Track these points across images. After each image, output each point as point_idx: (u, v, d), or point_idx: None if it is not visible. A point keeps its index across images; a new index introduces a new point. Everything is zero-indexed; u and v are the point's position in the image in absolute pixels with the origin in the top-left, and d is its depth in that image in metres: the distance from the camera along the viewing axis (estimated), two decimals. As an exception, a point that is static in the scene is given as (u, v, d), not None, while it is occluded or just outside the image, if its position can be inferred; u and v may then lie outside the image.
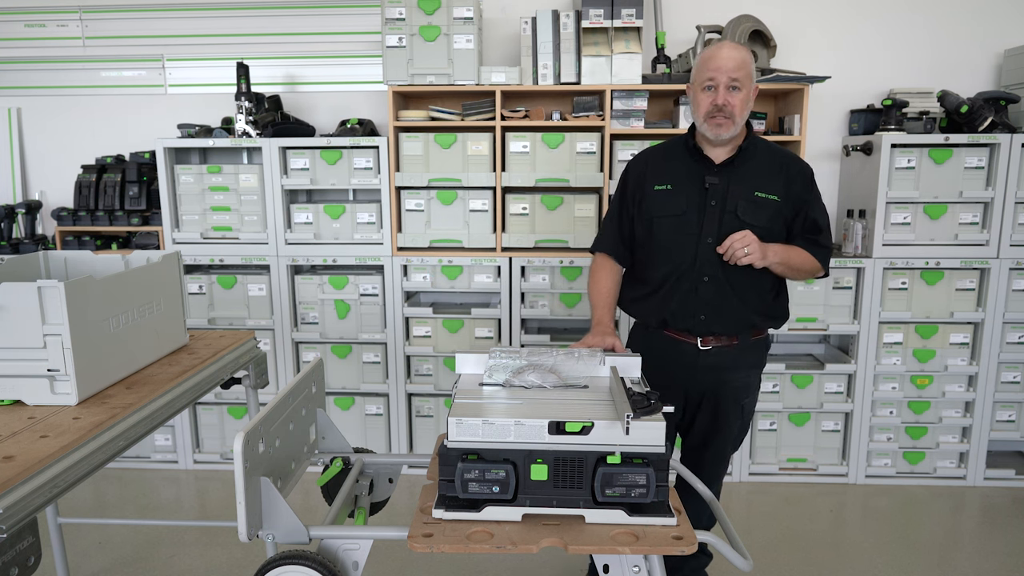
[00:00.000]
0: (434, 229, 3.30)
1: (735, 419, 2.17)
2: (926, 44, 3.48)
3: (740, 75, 1.93)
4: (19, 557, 1.23)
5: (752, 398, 2.20)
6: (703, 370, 2.09)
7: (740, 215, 1.99)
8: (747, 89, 1.95)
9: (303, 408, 1.73)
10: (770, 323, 2.14)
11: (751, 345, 2.11)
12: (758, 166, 2.04)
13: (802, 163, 2.10)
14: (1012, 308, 3.22)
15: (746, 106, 1.97)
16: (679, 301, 2.04)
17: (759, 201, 2.01)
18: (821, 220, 2.07)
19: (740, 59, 1.93)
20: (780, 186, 2.02)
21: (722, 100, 1.93)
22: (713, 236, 2.00)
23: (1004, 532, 2.97)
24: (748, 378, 2.15)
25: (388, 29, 3.13)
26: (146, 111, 3.74)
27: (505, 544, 1.32)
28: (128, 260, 2.02)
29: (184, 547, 2.83)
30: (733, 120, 1.95)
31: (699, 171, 2.04)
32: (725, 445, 2.20)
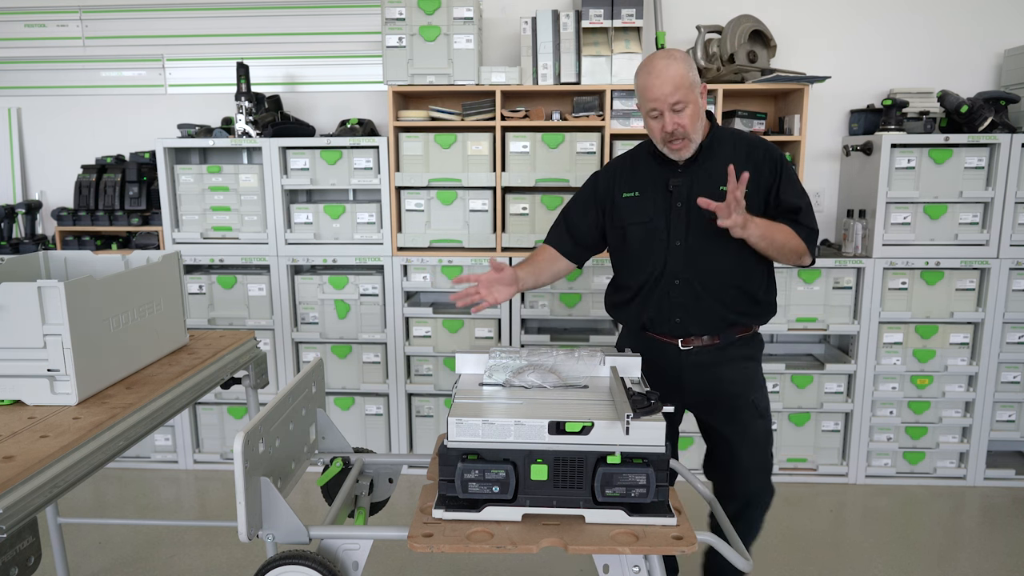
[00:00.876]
0: (434, 229, 3.30)
1: (752, 419, 2.07)
2: (926, 44, 3.48)
3: (679, 95, 1.86)
4: (19, 557, 1.23)
5: (761, 394, 2.12)
6: (691, 369, 2.05)
7: (705, 214, 1.91)
8: (693, 102, 1.88)
9: (303, 408, 1.73)
10: (752, 321, 2.07)
11: (735, 342, 2.06)
12: (722, 159, 1.97)
13: (769, 147, 2.02)
14: (1012, 308, 3.22)
15: (697, 118, 1.91)
16: (655, 306, 2.03)
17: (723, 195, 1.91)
18: (797, 200, 1.99)
19: (674, 81, 1.85)
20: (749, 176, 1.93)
21: (671, 127, 1.89)
22: (681, 238, 1.98)
23: (1004, 532, 2.97)
24: (745, 371, 2.08)
25: (388, 29, 3.13)
26: (146, 111, 3.74)
27: (505, 544, 1.32)
28: (128, 260, 2.02)
29: (184, 547, 2.83)
30: (688, 138, 1.91)
31: (663, 174, 2.01)
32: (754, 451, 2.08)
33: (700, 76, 3.20)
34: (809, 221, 2.00)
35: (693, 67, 1.91)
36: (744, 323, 2.05)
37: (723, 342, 2.03)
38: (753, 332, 2.10)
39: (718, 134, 2.02)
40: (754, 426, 2.06)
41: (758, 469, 2.10)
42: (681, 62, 1.87)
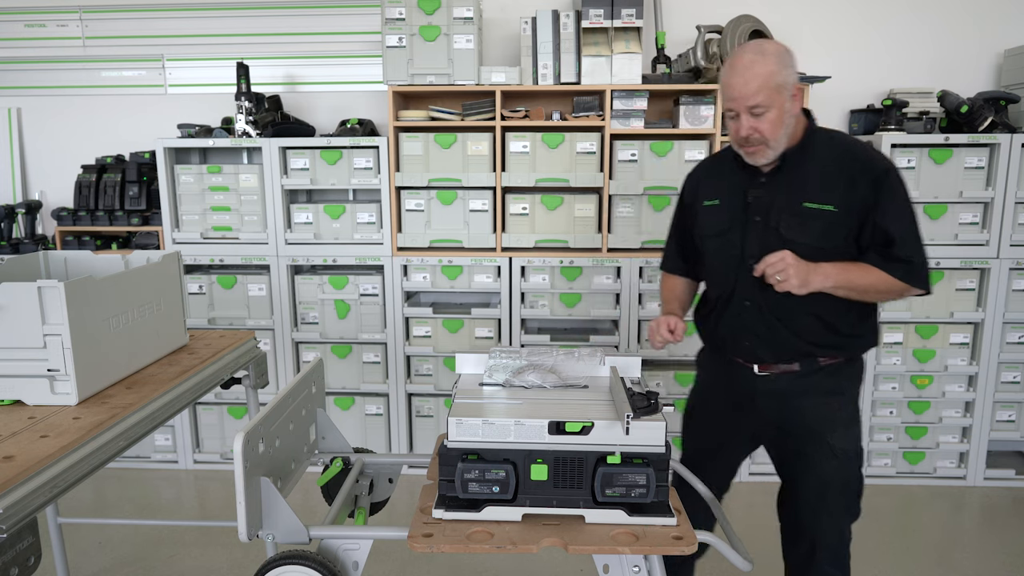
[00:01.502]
0: (434, 229, 3.30)
1: (824, 459, 1.82)
2: (926, 44, 3.48)
3: (761, 98, 1.65)
4: (19, 557, 1.23)
5: (844, 435, 1.83)
6: (764, 396, 1.85)
7: (783, 232, 1.73)
8: (776, 107, 1.67)
9: (303, 408, 1.73)
10: (836, 352, 1.81)
11: (819, 370, 1.81)
12: (813, 170, 1.74)
13: (872, 161, 1.73)
14: (1012, 308, 3.22)
15: (779, 125, 1.69)
16: (726, 326, 1.87)
17: (809, 213, 1.72)
18: (894, 228, 1.69)
19: (757, 82, 1.65)
20: (839, 192, 1.71)
21: (745, 131, 1.70)
22: (755, 257, 1.74)
23: (1004, 532, 2.97)
24: (825, 408, 1.82)
25: (388, 29, 3.13)
26: (146, 111, 3.74)
27: (505, 544, 1.31)
28: (128, 260, 2.02)
29: (184, 547, 2.83)
30: (767, 145, 1.70)
31: (745, 183, 1.81)
32: (822, 492, 1.84)
33: (697, 76, 3.24)
34: (908, 252, 1.71)
35: (788, 65, 1.69)
36: (825, 356, 1.81)
37: (804, 370, 1.82)
38: (841, 361, 1.83)
39: (813, 139, 1.78)
40: (823, 466, 1.82)
41: (826, 512, 1.85)
42: (772, 60, 1.67)
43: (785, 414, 1.85)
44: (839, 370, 1.83)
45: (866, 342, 1.85)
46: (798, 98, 1.72)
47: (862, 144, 1.79)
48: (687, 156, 3.18)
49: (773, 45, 1.71)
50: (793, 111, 1.71)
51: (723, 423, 1.98)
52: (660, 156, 3.18)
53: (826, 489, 1.83)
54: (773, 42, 1.74)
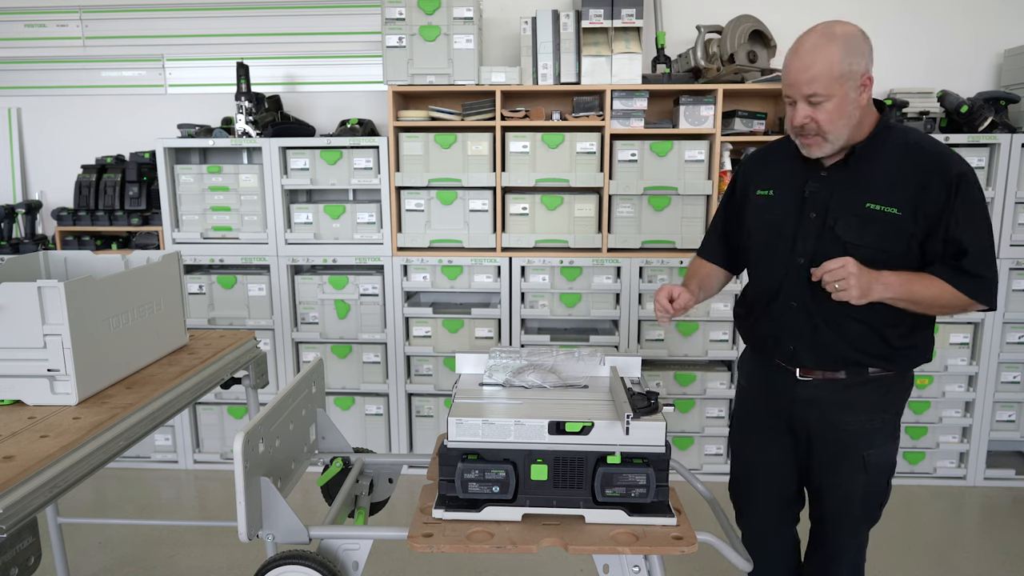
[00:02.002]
0: (434, 229, 3.30)
1: (855, 473, 1.74)
2: (926, 44, 3.48)
3: (820, 87, 1.54)
4: (19, 557, 1.23)
5: (881, 451, 1.74)
6: (803, 403, 1.75)
7: (840, 233, 1.62)
8: (838, 97, 1.55)
9: (303, 408, 1.73)
10: (886, 364, 1.69)
11: (867, 382, 1.70)
12: (880, 168, 1.61)
13: (947, 162, 1.59)
14: (1012, 308, 3.22)
15: (840, 116, 1.57)
16: (768, 326, 1.77)
17: (870, 215, 1.60)
18: (968, 240, 1.56)
19: (817, 68, 1.53)
20: (907, 195, 1.58)
21: (800, 120, 1.59)
22: (806, 256, 1.66)
23: (1004, 532, 2.97)
24: (868, 423, 1.72)
25: (388, 29, 3.13)
26: (146, 111, 3.74)
27: (505, 544, 1.31)
28: (128, 260, 2.02)
29: (184, 547, 2.83)
30: (824, 137, 1.59)
31: (803, 175, 1.69)
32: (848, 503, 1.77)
33: (697, 76, 3.24)
34: (978, 267, 1.58)
35: (858, 52, 1.55)
36: (876, 367, 1.70)
37: (850, 379, 1.71)
38: (892, 375, 1.71)
39: (884, 134, 1.64)
40: (853, 480, 1.75)
41: (848, 521, 1.80)
42: (839, 45, 1.54)
43: (821, 426, 1.75)
44: (888, 385, 1.71)
45: (918, 356, 1.73)
46: (868, 88, 1.58)
47: (938, 144, 1.65)
48: (687, 156, 3.18)
49: (844, 28, 1.57)
50: (859, 102, 1.58)
51: (765, 433, 1.88)
52: (660, 156, 3.18)
53: (851, 500, 1.77)
54: (846, 24, 1.59)
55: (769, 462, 1.89)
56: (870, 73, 1.58)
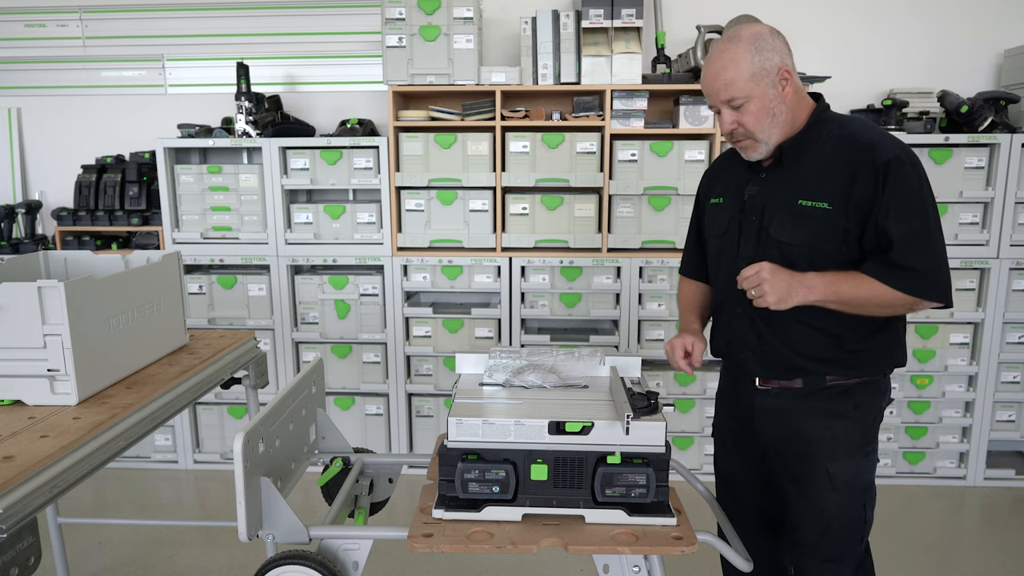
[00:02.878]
0: (434, 229, 3.30)
1: (824, 492, 1.61)
2: (926, 44, 3.48)
3: (734, 91, 1.52)
4: (19, 557, 1.23)
5: (848, 465, 1.61)
6: (763, 414, 1.68)
7: (773, 233, 1.57)
8: (757, 97, 1.52)
9: (303, 408, 1.73)
10: (843, 371, 1.60)
11: (825, 389, 1.62)
12: (813, 163, 1.56)
13: (876, 150, 1.50)
14: (1012, 308, 3.22)
15: (764, 115, 1.54)
16: (722, 335, 1.76)
17: (802, 212, 1.54)
18: (895, 229, 1.48)
19: (727, 74, 1.52)
20: (838, 188, 1.51)
21: (727, 127, 1.57)
22: (746, 260, 1.60)
23: (1004, 532, 2.97)
24: (828, 431, 1.61)
25: (388, 29, 3.13)
26: (146, 111, 3.74)
27: (505, 544, 1.31)
28: (128, 260, 2.02)
29: (184, 547, 2.83)
30: (754, 139, 1.57)
31: (745, 179, 1.67)
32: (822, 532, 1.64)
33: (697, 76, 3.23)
34: (907, 258, 1.48)
35: (766, 48, 1.52)
36: (830, 373, 1.61)
37: (807, 388, 1.63)
38: (854, 383, 1.61)
39: (818, 127, 1.58)
40: (823, 500, 1.62)
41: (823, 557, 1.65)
42: (745, 46, 1.51)
43: (783, 436, 1.67)
44: (850, 392, 1.61)
45: (883, 360, 1.62)
46: (789, 82, 1.54)
47: (876, 131, 1.56)
48: (687, 156, 3.18)
49: (749, 28, 1.55)
50: (782, 98, 1.54)
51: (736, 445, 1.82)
52: (660, 156, 3.18)
53: (826, 528, 1.63)
54: (750, 25, 1.57)
55: (742, 476, 1.83)
56: (787, 66, 1.54)
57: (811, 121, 1.59)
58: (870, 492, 1.66)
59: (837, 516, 1.63)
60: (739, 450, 1.81)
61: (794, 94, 1.57)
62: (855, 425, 1.62)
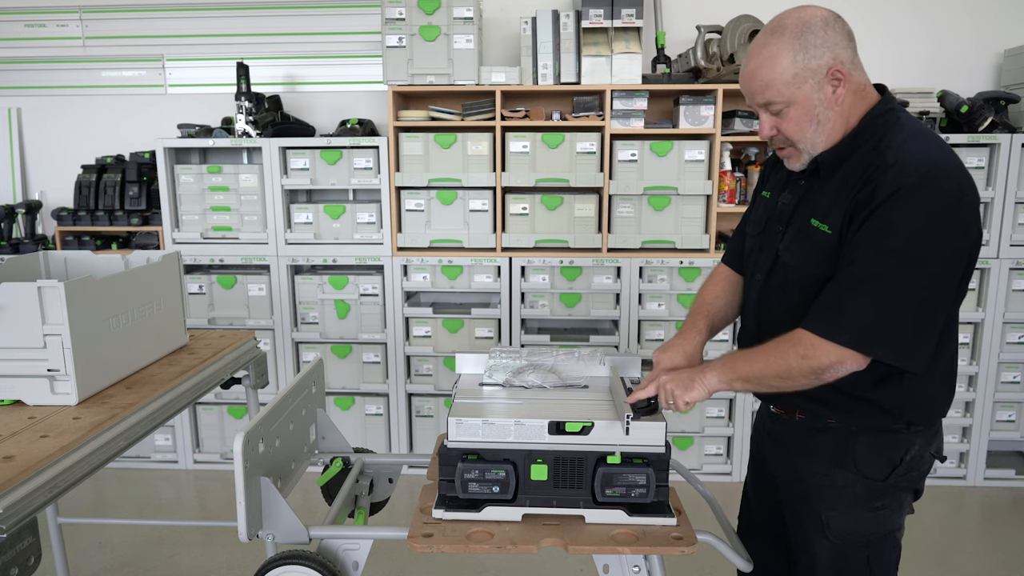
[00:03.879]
0: (434, 229, 3.30)
1: (817, 535, 1.47)
2: (926, 44, 3.48)
3: (772, 94, 1.32)
4: (19, 557, 1.23)
5: (847, 517, 1.44)
6: (772, 441, 1.58)
7: (780, 250, 1.43)
8: (799, 101, 1.32)
9: (303, 408, 1.73)
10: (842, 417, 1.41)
11: (825, 430, 1.44)
12: (844, 176, 1.34)
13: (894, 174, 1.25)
14: (1012, 308, 3.22)
15: (808, 122, 1.33)
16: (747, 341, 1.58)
17: (808, 231, 1.38)
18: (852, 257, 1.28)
19: (764, 74, 1.32)
20: (842, 209, 1.32)
21: (765, 133, 1.39)
22: (762, 272, 1.48)
23: (1004, 532, 2.97)
24: (825, 478, 1.45)
25: (388, 29, 3.13)
26: (146, 111, 3.74)
27: (505, 544, 1.31)
28: (128, 260, 2.02)
29: (184, 547, 2.83)
30: (796, 147, 1.38)
31: (786, 181, 1.50)
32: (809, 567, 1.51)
33: (697, 76, 3.23)
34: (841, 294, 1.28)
35: (816, 42, 1.30)
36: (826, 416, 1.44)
37: (808, 423, 1.47)
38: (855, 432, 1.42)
39: (865, 134, 1.35)
40: (815, 545, 1.48)
41: None
42: (787, 41, 1.30)
43: (784, 469, 1.55)
44: (851, 441, 1.42)
45: (899, 411, 1.39)
46: (843, 83, 1.31)
47: (907, 146, 1.29)
48: (687, 156, 3.18)
49: (797, 15, 1.32)
50: (832, 101, 1.32)
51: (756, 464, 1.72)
52: (660, 156, 3.18)
53: (816, 569, 1.49)
54: (804, 9, 1.34)
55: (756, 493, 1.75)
56: (841, 63, 1.31)
57: (859, 126, 1.35)
58: (877, 549, 1.47)
59: (831, 564, 1.47)
60: (759, 472, 1.72)
61: (851, 94, 1.34)
62: (856, 478, 1.42)
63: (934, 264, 1.25)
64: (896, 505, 1.46)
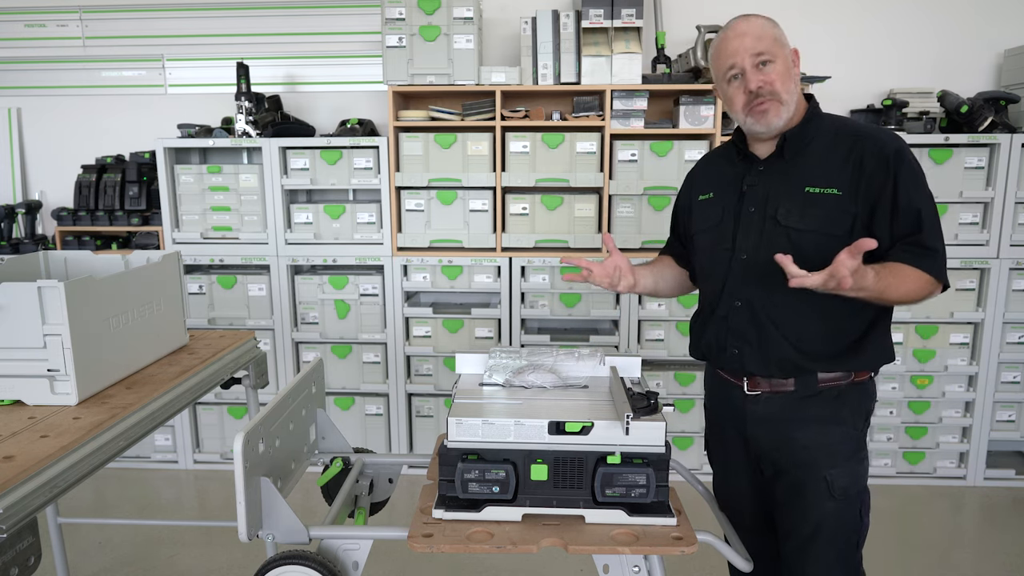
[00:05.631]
0: (434, 229, 3.30)
1: (821, 500, 1.58)
2: (926, 44, 3.48)
3: (764, 45, 1.54)
4: (19, 557, 1.23)
5: (845, 471, 1.59)
6: (756, 423, 1.66)
7: (782, 219, 1.57)
8: (782, 58, 1.56)
9: (303, 408, 1.73)
10: (838, 368, 1.59)
11: (817, 395, 1.60)
12: (817, 153, 1.59)
13: (882, 139, 1.56)
14: (1012, 308, 3.22)
15: (789, 78, 1.56)
16: (712, 331, 1.69)
17: (811, 198, 1.55)
18: (924, 210, 1.52)
19: (757, 29, 1.55)
20: (846, 174, 1.54)
21: (754, 84, 1.54)
22: (749, 251, 1.61)
23: (1004, 532, 2.97)
24: (824, 437, 1.60)
25: (388, 29, 3.13)
26: (146, 111, 3.74)
27: (505, 544, 1.31)
28: (128, 260, 2.02)
29: (184, 547, 2.83)
30: (779, 99, 1.55)
31: (741, 172, 1.67)
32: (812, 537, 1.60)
33: (697, 76, 3.24)
34: (935, 241, 1.55)
35: (780, 29, 1.60)
36: (827, 370, 1.59)
37: (799, 392, 1.60)
38: (844, 384, 1.59)
39: (816, 121, 1.62)
40: (820, 508, 1.59)
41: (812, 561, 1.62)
42: (764, 18, 1.59)
43: (777, 444, 1.64)
44: (842, 395, 1.60)
45: (875, 357, 1.61)
46: (796, 66, 1.61)
47: (870, 125, 1.70)
48: (687, 156, 3.18)
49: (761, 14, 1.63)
50: (796, 76, 1.59)
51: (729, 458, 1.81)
52: (660, 156, 3.19)
53: (817, 534, 1.59)
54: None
55: (736, 490, 1.81)
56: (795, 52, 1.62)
57: (808, 116, 1.63)
58: (866, 496, 1.64)
59: (834, 524, 1.60)
60: (734, 465, 1.79)
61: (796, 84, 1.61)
62: (849, 430, 1.61)
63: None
64: (867, 452, 1.67)
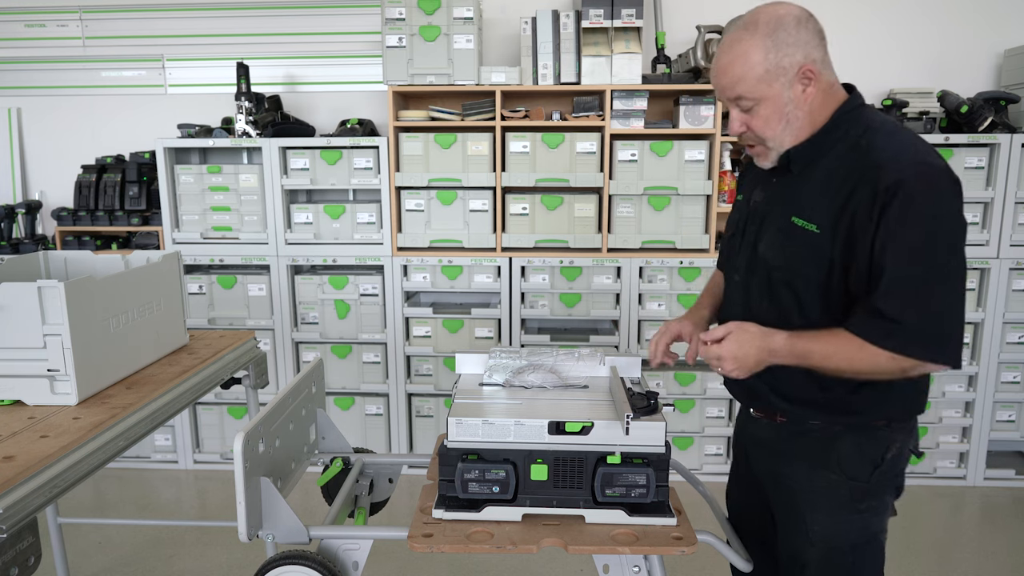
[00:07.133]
0: (434, 229, 3.30)
1: (802, 542, 1.44)
2: (926, 44, 3.48)
3: (743, 89, 1.31)
4: (19, 557, 1.23)
5: (831, 521, 1.42)
6: (755, 445, 1.56)
7: (762, 251, 1.41)
8: (771, 99, 1.31)
9: (303, 408, 1.73)
10: (821, 416, 1.40)
11: (806, 433, 1.42)
12: (820, 174, 1.33)
13: (885, 170, 1.24)
14: (1012, 308, 3.22)
15: (777, 120, 1.33)
16: None
17: (792, 231, 1.34)
18: (889, 269, 1.23)
19: (735, 70, 1.31)
20: (832, 208, 1.29)
21: (735, 129, 1.38)
22: (740, 273, 1.48)
23: (1004, 532, 2.97)
24: (808, 482, 1.43)
25: (388, 29, 3.13)
26: (146, 111, 3.74)
27: (505, 544, 1.31)
28: (128, 260, 2.02)
29: (184, 547, 2.83)
30: (763, 144, 1.37)
31: (759, 180, 1.49)
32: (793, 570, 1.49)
33: (697, 76, 3.23)
34: (897, 307, 1.22)
35: (788, 40, 1.28)
36: (808, 417, 1.42)
37: (790, 426, 1.45)
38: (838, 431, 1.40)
39: (837, 130, 1.34)
40: (800, 550, 1.46)
41: None
42: (760, 38, 1.28)
43: (769, 473, 1.53)
44: (834, 441, 1.40)
45: (883, 408, 1.37)
46: (813, 82, 1.31)
47: (897, 144, 1.28)
48: (687, 156, 3.18)
49: (770, 12, 1.31)
50: (801, 101, 1.32)
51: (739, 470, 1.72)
52: (660, 156, 3.19)
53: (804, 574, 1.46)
54: (773, 6, 1.32)
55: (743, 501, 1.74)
56: (812, 62, 1.30)
57: (831, 123, 1.35)
58: (862, 554, 1.44)
59: (820, 573, 1.45)
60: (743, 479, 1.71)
61: (820, 93, 1.33)
62: (840, 480, 1.41)
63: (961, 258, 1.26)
64: (881, 507, 1.47)
